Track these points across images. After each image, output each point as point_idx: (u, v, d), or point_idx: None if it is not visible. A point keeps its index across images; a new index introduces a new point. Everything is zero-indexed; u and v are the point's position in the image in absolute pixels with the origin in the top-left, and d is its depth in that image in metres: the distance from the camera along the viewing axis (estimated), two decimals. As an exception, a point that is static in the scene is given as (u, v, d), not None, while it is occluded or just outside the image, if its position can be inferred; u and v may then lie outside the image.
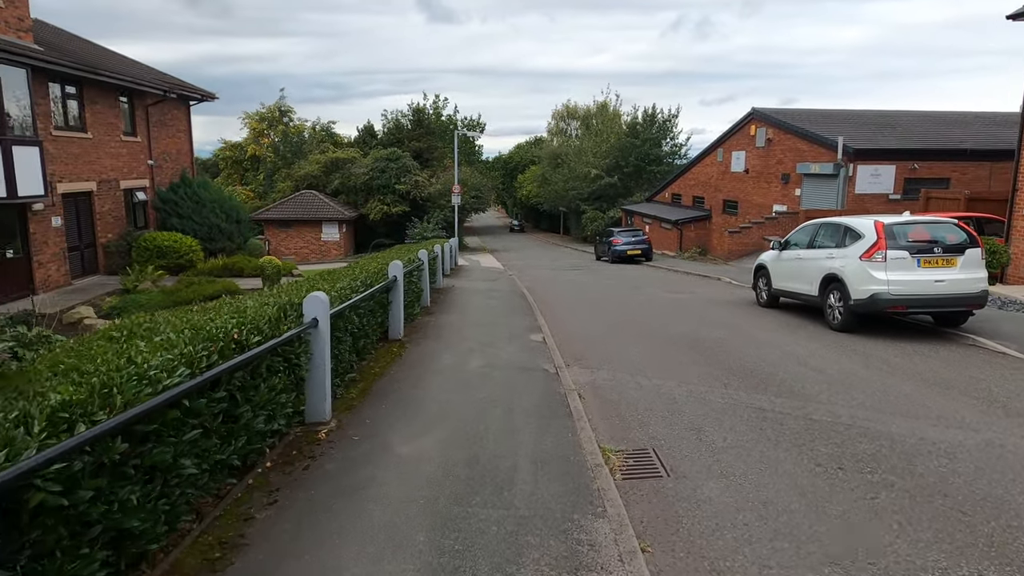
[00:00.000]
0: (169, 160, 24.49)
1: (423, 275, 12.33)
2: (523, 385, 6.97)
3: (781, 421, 5.96)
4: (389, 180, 40.95)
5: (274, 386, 4.39)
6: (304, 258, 39.79)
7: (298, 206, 39.84)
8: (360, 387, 6.63)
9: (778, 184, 26.71)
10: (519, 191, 73.19)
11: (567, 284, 19.52)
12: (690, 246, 33.04)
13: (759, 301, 13.76)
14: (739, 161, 30.30)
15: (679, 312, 12.88)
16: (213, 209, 20.62)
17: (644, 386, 7.30)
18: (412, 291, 10.75)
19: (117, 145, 20.08)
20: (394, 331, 9.03)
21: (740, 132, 30.33)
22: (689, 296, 15.69)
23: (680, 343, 9.72)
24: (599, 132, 51.84)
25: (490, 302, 13.88)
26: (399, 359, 8.06)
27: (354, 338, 6.75)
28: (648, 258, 29.72)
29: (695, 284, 19.00)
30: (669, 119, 46.62)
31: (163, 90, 21.62)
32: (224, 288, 15.90)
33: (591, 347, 9.53)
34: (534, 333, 10.18)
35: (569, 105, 68.04)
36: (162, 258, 19.11)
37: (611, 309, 13.53)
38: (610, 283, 19.35)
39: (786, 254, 12.72)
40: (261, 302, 5.00)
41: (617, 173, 46.83)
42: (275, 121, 47.43)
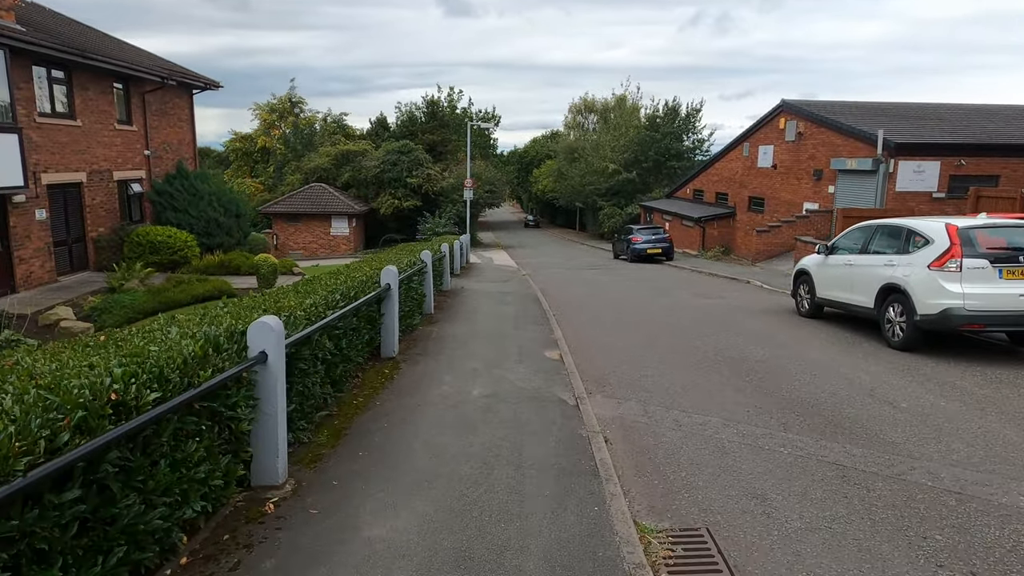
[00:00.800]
0: (170, 151, 23.43)
1: (426, 279, 11.08)
2: (536, 423, 5.69)
3: (868, 485, 4.63)
4: (400, 173, 39.75)
5: (187, 457, 3.14)
6: (313, 253, 38.76)
7: (307, 199, 38.79)
8: (334, 426, 5.38)
9: (809, 180, 25.16)
10: (534, 186, 71.76)
11: (584, 286, 18.19)
12: (713, 245, 31.52)
13: (800, 310, 12.37)
14: (766, 156, 28.73)
15: (711, 322, 11.52)
16: (211, 202, 19.51)
17: (683, 425, 5.99)
18: (411, 299, 9.50)
19: (111, 134, 19.01)
20: (387, 348, 7.78)
21: (768, 125, 28.74)
22: (719, 302, 14.31)
23: (718, 363, 8.38)
24: (617, 126, 50.29)
25: (501, 308, 12.60)
26: (389, 385, 6.80)
27: (329, 366, 5.50)
28: (669, 257, 28.29)
29: (723, 288, 17.60)
30: (692, 112, 44.98)
31: (161, 77, 20.52)
32: (216, 288, 14.77)
33: (615, 367, 8.22)
34: (549, 348, 8.89)
35: (587, 98, 66.32)
36: (155, 254, 18.03)
37: (634, 317, 12.21)
38: (630, 285, 18.00)
39: (833, 259, 11.31)
40: (183, 332, 3.74)
41: (636, 168, 45.29)
42: (286, 112, 46.36)
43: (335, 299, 5.77)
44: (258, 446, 4.04)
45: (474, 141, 70.04)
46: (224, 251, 19.64)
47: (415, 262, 10.27)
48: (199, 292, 14.34)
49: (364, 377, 6.96)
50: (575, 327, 11.12)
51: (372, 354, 7.75)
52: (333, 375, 5.62)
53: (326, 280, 6.78)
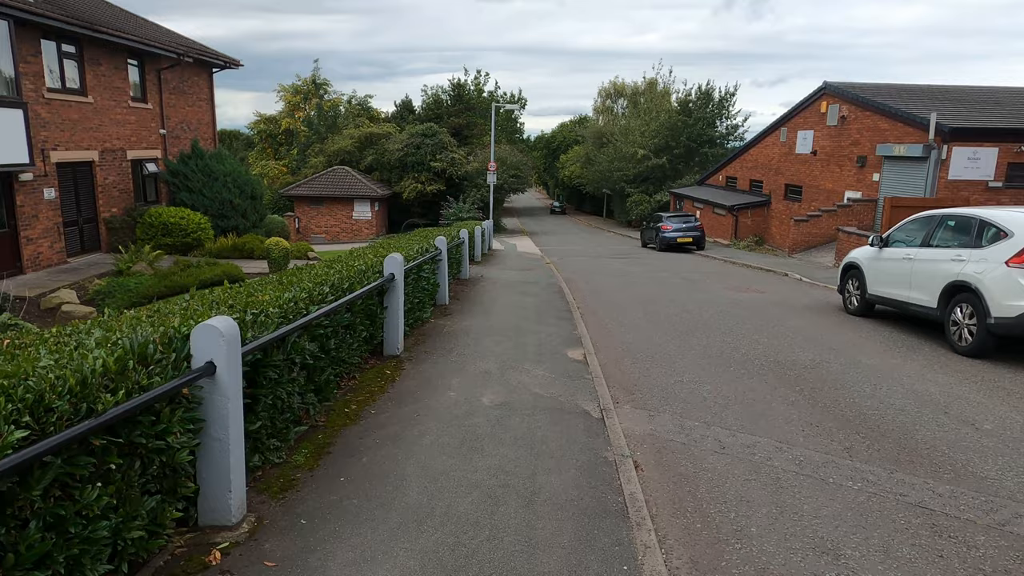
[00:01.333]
0: (188, 130, 22.92)
1: (440, 268, 10.26)
2: (554, 442, 4.85)
3: (967, 539, 3.71)
4: (424, 157, 38.95)
5: (83, 510, 2.35)
6: (335, 237, 38.29)
7: (330, 182, 38.24)
8: (317, 442, 4.60)
9: (852, 167, 23.76)
10: (561, 171, 70.54)
11: (611, 276, 17.24)
12: (746, 234, 30.24)
13: (847, 307, 11.31)
14: (806, 142, 27.30)
15: (750, 319, 10.53)
16: (225, 184, 18.91)
17: (728, 447, 5.10)
18: (422, 289, 8.69)
19: (124, 112, 18.48)
20: (390, 346, 6.98)
21: (808, 109, 27.29)
22: (757, 296, 13.28)
23: (762, 368, 7.44)
24: (648, 110, 48.84)
25: (521, 300, 11.74)
26: (388, 389, 6.00)
27: (312, 372, 4.70)
28: (700, 247, 27.13)
29: (760, 280, 16.51)
30: (726, 97, 43.36)
31: (177, 53, 19.92)
32: (224, 273, 14.15)
33: (645, 370, 7.33)
34: (572, 347, 8.02)
35: (616, 82, 64.95)
36: (168, 236, 17.50)
37: (665, 312, 11.27)
38: (661, 276, 17.00)
39: (889, 253, 10.24)
40: (105, 338, 2.95)
41: (666, 154, 43.89)
42: (310, 94, 45.80)
43: (322, 292, 4.96)
44: (205, 479, 3.26)
45: (500, 125, 69.06)
46: (238, 234, 19.07)
47: (428, 249, 9.45)
48: (207, 277, 13.73)
49: (361, 379, 6.18)
50: (601, 322, 10.23)
51: (373, 351, 6.96)
52: (318, 381, 4.83)
53: (318, 269, 5.98)
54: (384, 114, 51.49)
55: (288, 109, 47.34)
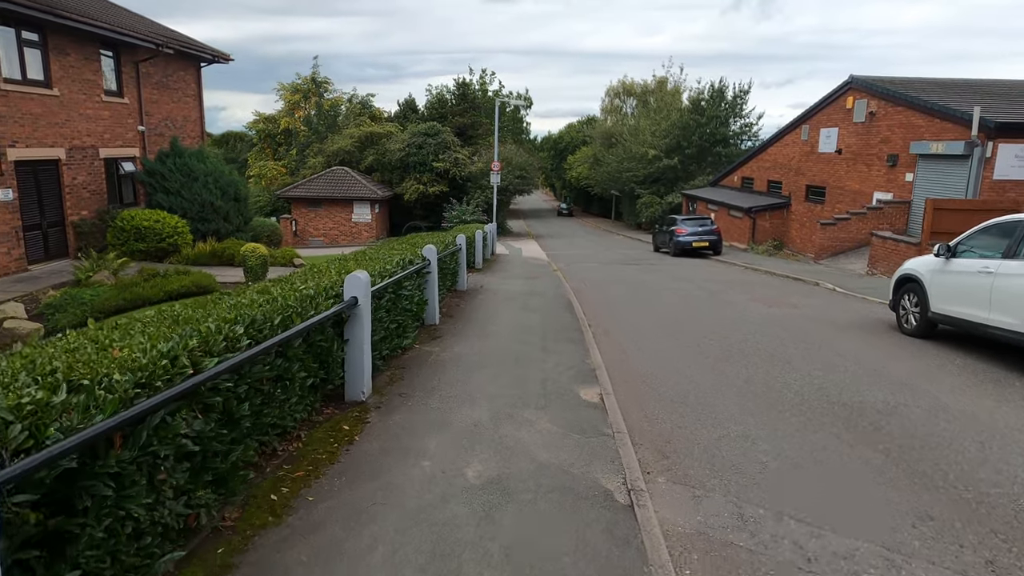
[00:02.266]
0: (173, 128, 21.51)
1: (429, 282, 8.74)
2: (567, 558, 3.31)
3: None
4: (426, 157, 37.46)
5: None
6: (334, 240, 36.87)
7: (328, 183, 36.82)
8: (209, 565, 3.08)
9: (881, 167, 22.11)
10: (568, 173, 69.06)
11: (625, 286, 15.68)
12: (764, 238, 28.60)
13: (903, 327, 9.73)
14: (829, 140, 25.65)
15: (793, 341, 8.96)
16: (206, 184, 17.45)
17: (816, 558, 3.54)
18: (403, 310, 7.16)
19: (96, 106, 17.06)
20: (353, 389, 5.46)
21: (832, 105, 25.64)
22: (792, 312, 11.70)
23: (826, 413, 5.87)
24: (659, 109, 47.26)
25: (525, 317, 10.19)
26: (341, 456, 4.47)
27: (205, 458, 3.17)
28: (717, 252, 25.54)
29: (790, 291, 14.91)
30: (739, 95, 41.68)
31: (156, 44, 18.49)
32: (195, 283, 12.68)
33: (680, 418, 5.78)
34: (585, 383, 6.48)
35: (625, 82, 63.58)
36: (141, 241, 16.06)
37: (691, 332, 9.71)
38: (679, 286, 15.43)
39: (959, 264, 8.66)
40: None
41: (678, 154, 42.26)
42: (310, 93, 44.38)
43: (232, 335, 3.43)
44: None
45: (506, 126, 67.50)
46: (220, 239, 17.61)
47: (412, 260, 7.92)
48: (174, 288, 12.26)
49: (309, 439, 4.65)
50: (617, 346, 8.68)
51: (331, 396, 5.44)
52: (218, 468, 3.29)
53: (250, 296, 4.45)
54: (387, 114, 50.05)
55: (288, 108, 45.95)
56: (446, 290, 11.15)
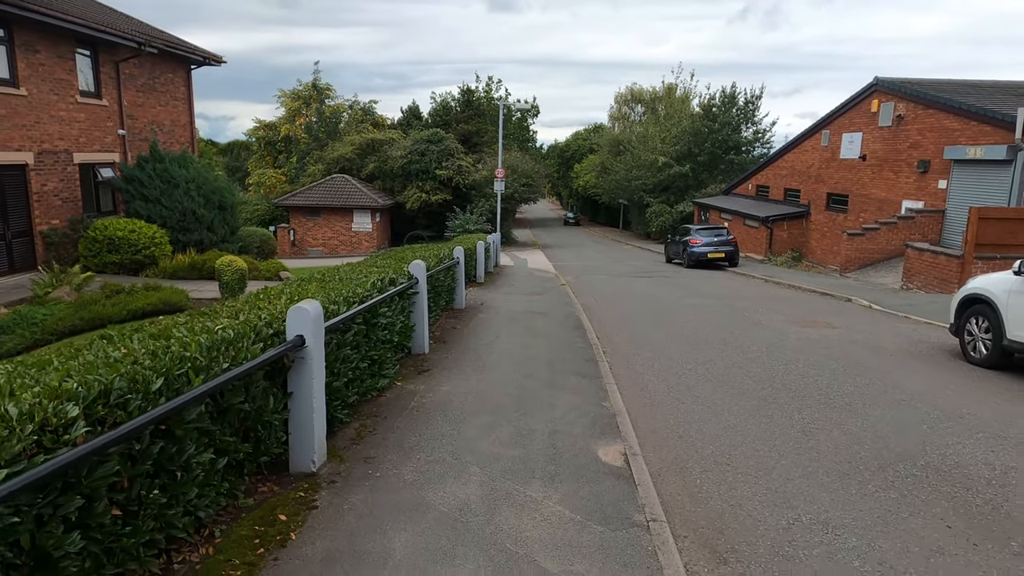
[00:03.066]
0: (161, 132, 20.39)
1: (417, 304, 7.43)
2: None
3: None
4: (429, 164, 36.25)
5: None
6: (333, 250, 35.68)
7: (328, 192, 35.66)
8: None
9: (911, 174, 20.73)
10: (575, 181, 67.87)
11: (640, 302, 14.34)
12: (782, 249, 27.20)
13: (970, 356, 8.35)
14: (852, 145, 24.28)
15: (846, 374, 7.59)
16: (188, 191, 16.22)
17: None
18: (379, 342, 5.84)
19: (71, 108, 15.89)
20: (300, 459, 4.12)
21: (855, 109, 24.29)
22: (831, 333, 10.32)
23: (923, 486, 4.51)
24: (669, 116, 46.01)
25: (530, 343, 8.85)
26: (264, 570, 3.14)
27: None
28: (733, 263, 24.16)
29: (822, 308, 13.52)
30: (751, 100, 40.38)
31: (137, 42, 17.34)
32: (164, 300, 11.41)
33: (730, 491, 4.42)
34: (604, 438, 5.13)
35: (634, 88, 62.46)
36: (114, 253, 14.83)
37: (723, 361, 8.36)
38: (700, 302, 14.07)
39: (1046, 284, 7.29)
40: None
41: (689, 161, 40.94)
42: (310, 99, 43.32)
43: (58, 419, 2.12)
44: None
45: (512, 133, 66.40)
46: (201, 249, 16.36)
47: (393, 280, 6.61)
48: (139, 306, 10.99)
49: (227, 537, 3.32)
50: (639, 381, 7.34)
51: (273, 465, 4.12)
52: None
53: (128, 346, 3.14)
54: (390, 121, 48.97)
55: (289, 115, 44.93)
56: (440, 310, 9.84)
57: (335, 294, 4.96)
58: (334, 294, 4.95)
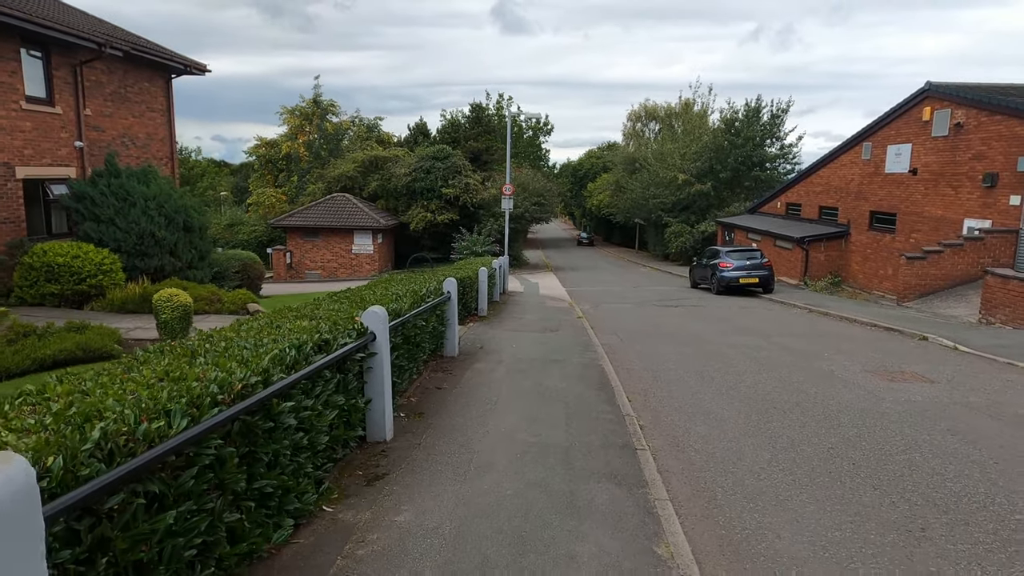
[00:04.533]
0: (134, 146, 18.42)
1: (374, 372, 5.07)
2: None
3: None
4: (434, 182, 34.13)
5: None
6: (332, 273, 33.57)
7: (327, 211, 33.64)
8: None
9: (973, 188, 18.26)
10: (588, 201, 65.68)
11: (675, 342, 11.93)
12: (820, 272, 24.68)
13: None
14: (900, 158, 21.84)
15: (1001, 472, 5.15)
16: (146, 210, 14.08)
17: None
18: (292, 449, 3.48)
19: (13, 115, 13.86)
20: None
21: (902, 118, 21.88)
22: (937, 393, 7.85)
23: None
24: (688, 132, 43.79)
25: (538, 417, 6.44)
26: None
27: None
28: (767, 289, 21.68)
29: (895, 349, 11.03)
30: (777, 114, 38.03)
31: (97, 43, 15.34)
32: (83, 345, 9.15)
33: None
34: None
35: (648, 105, 60.55)
36: (54, 282, 12.67)
37: (815, 445, 5.94)
38: (749, 342, 11.64)
39: None
40: None
41: (710, 179, 38.60)
42: (312, 116, 41.52)
43: None
44: None
45: (523, 151, 64.42)
46: (162, 277, 14.18)
47: (325, 344, 4.27)
48: (48, 353, 8.74)
49: None
50: (708, 494, 4.92)
51: None
52: None
53: None
54: (396, 138, 47.15)
55: (291, 132, 43.18)
56: (420, 365, 7.48)
57: (183, 387, 2.64)
58: (183, 386, 2.62)
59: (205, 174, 54.21)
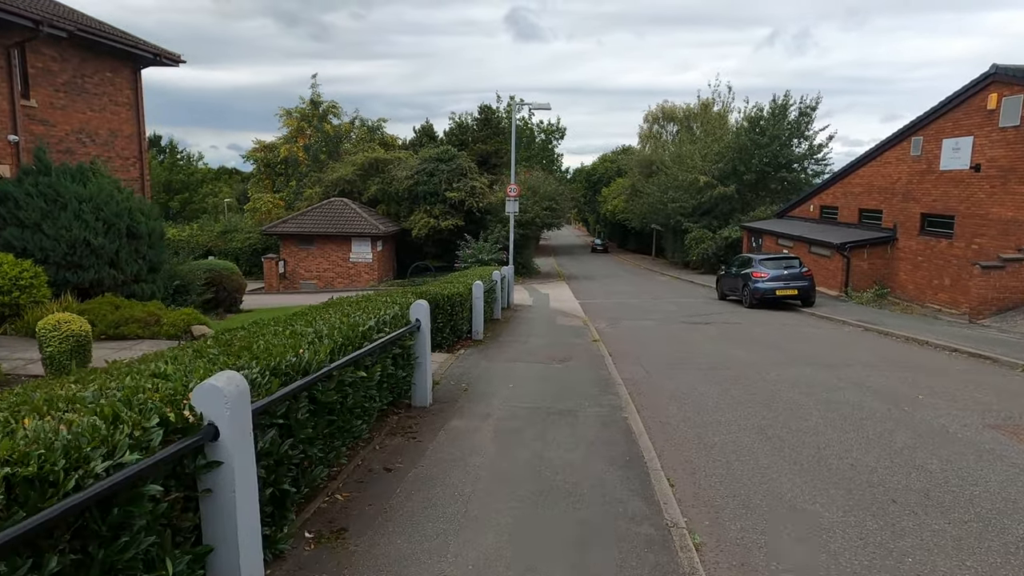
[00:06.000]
0: (92, 144, 16.29)
1: (220, 497, 2.71)
2: None
3: None
4: (438, 186, 31.84)
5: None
6: (328, 283, 31.37)
7: (323, 217, 31.48)
8: None
9: (1052, 187, 15.68)
10: (603, 206, 63.19)
11: (717, 379, 9.48)
12: (864, 283, 22.07)
13: None
14: (959, 153, 19.25)
15: None
16: (80, 214, 11.91)
17: None
18: None
19: (-74, 103, 11.75)
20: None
21: (962, 108, 19.30)
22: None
23: None
24: (709, 132, 41.28)
25: (532, 530, 4.04)
26: None
27: None
28: (808, 302, 19.14)
29: (1003, 386, 8.51)
30: (806, 112, 35.37)
31: (33, 20, 13.20)
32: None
33: None
34: None
35: (665, 106, 58.00)
36: (-43, 300, 10.46)
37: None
38: (812, 378, 9.17)
39: None
40: None
41: (734, 181, 36.02)
42: (310, 117, 39.44)
43: None
44: None
45: (536, 155, 62.09)
46: (100, 291, 11.95)
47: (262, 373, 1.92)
48: None
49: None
50: None
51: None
52: None
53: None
54: (401, 141, 45.00)
55: (291, 135, 41.17)
56: (365, 427, 5.08)
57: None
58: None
59: (205, 180, 52.39)
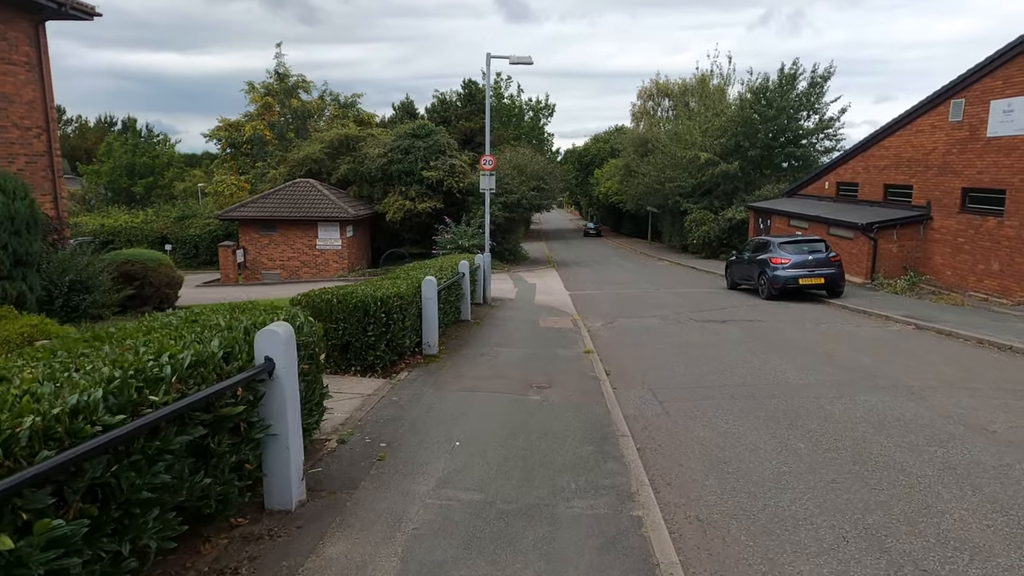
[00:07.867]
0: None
1: None
2: None
3: None
4: (413, 164, 28.80)
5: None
6: (293, 273, 28.44)
7: (286, 200, 28.44)
8: None
9: None
10: (595, 188, 60.21)
11: (763, 409, 6.71)
12: (895, 269, 19.36)
13: None
14: (1010, 116, 16.46)
15: None
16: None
17: None
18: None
19: None
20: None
21: (1012, 64, 16.48)
22: None
23: None
24: (709, 106, 38.35)
25: None
26: None
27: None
28: (835, 292, 16.41)
29: None
30: (817, 82, 32.40)
31: None
32: None
33: None
34: None
35: (660, 81, 54.90)
36: None
37: None
38: (894, 411, 6.44)
39: None
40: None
41: (738, 157, 33.15)
42: (277, 92, 36.23)
43: None
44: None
45: (525, 135, 58.97)
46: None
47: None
48: None
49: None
50: None
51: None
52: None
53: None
54: (380, 118, 41.85)
55: (257, 112, 37.95)
56: None
57: None
58: None
59: (172, 164, 49.14)
